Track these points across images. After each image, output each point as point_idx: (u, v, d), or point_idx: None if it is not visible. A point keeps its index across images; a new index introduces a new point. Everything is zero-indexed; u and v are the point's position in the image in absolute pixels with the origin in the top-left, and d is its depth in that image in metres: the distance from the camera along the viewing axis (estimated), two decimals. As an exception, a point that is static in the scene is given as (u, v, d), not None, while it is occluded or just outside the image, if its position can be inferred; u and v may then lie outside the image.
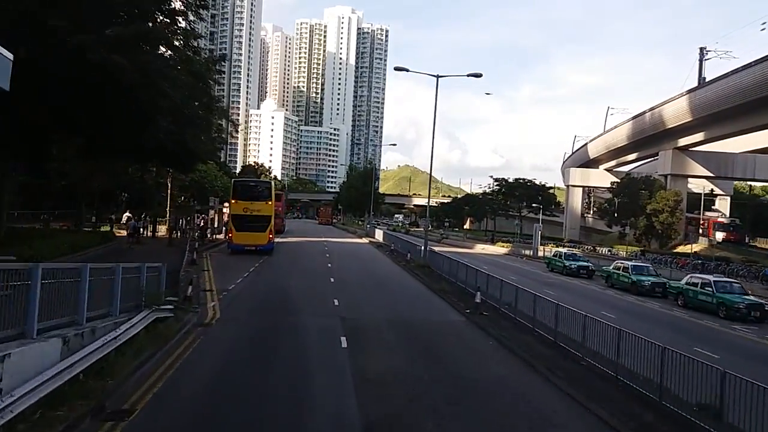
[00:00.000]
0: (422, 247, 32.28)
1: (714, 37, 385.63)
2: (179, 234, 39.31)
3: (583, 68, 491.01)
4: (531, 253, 52.16)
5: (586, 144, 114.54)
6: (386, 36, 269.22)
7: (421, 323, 15.97)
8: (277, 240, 46.08)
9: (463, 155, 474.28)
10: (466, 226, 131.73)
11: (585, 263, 36.39)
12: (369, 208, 73.13)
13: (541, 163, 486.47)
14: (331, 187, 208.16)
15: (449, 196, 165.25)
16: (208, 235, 39.76)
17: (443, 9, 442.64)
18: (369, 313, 17.08)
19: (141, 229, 34.72)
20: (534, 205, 76.77)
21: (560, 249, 42.84)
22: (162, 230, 39.13)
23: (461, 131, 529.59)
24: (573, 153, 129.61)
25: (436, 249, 36.35)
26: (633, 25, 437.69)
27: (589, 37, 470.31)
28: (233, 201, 32.64)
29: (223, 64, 30.20)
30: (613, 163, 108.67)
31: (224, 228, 39.01)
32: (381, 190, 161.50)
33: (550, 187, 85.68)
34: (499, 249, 57.59)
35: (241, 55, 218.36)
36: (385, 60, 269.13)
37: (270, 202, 32.93)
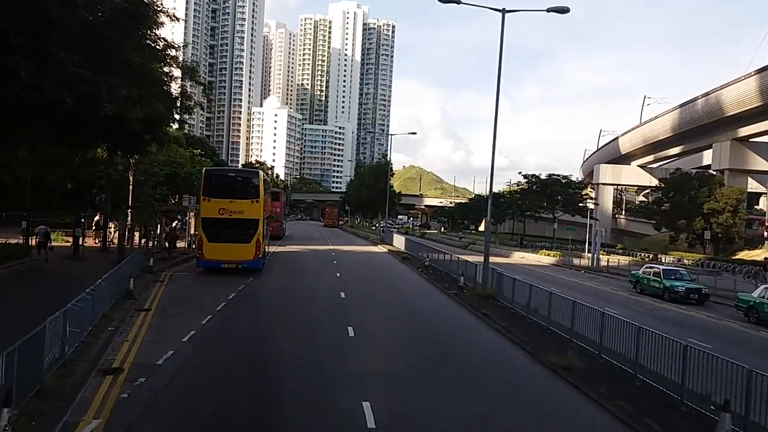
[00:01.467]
0: (474, 264, 22.29)
1: (720, 35, 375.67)
2: (147, 243, 29.73)
3: (588, 67, 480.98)
4: (589, 263, 42.07)
5: (616, 138, 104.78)
6: (393, 31, 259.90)
7: None
8: (273, 248, 36.41)
9: (467, 155, 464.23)
10: (481, 228, 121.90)
11: (693, 284, 26.37)
12: (385, 208, 62.95)
13: (546, 163, 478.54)
14: (337, 188, 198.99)
15: (456, 196, 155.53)
16: (178, 245, 30.09)
17: (446, 8, 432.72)
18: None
19: (81, 238, 24.98)
20: (580, 204, 66.78)
21: (654, 264, 32.72)
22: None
23: (465, 131, 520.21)
24: (599, 149, 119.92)
25: (470, 259, 26.55)
26: (639, 22, 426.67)
27: (595, 35, 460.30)
28: (205, 199, 22.96)
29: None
30: (649, 158, 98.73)
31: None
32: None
33: (587, 185, 75.42)
34: (542, 258, 47.58)
35: (243, 51, 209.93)
36: (392, 56, 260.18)
37: (257, 201, 23.20)
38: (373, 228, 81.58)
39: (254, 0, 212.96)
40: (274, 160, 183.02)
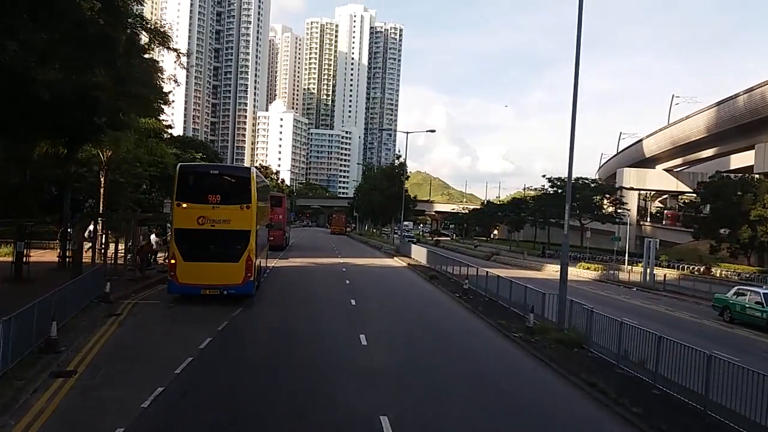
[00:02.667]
0: (544, 294, 16.41)
1: (728, 42, 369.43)
2: (116, 260, 24.29)
3: (595, 73, 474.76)
4: (639, 278, 36.28)
5: (640, 140, 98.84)
6: (400, 35, 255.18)
7: None
8: (274, 262, 31.04)
9: (473, 161, 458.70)
10: (495, 235, 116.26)
11: (806, 313, 20.58)
12: (397, 214, 57.15)
13: (552, 168, 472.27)
14: (343, 193, 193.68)
15: (464, 201, 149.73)
16: (153, 262, 24.63)
17: (452, 16, 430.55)
18: None
19: (24, 253, 19.54)
20: (619, 210, 61.09)
21: (748, 286, 26.76)
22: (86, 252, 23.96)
23: (471, 137, 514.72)
24: (619, 152, 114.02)
25: (500, 273, 20.93)
26: (646, 29, 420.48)
27: (601, 42, 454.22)
28: (179, 205, 17.48)
29: None
30: (677, 161, 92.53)
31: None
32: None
33: (619, 188, 69.78)
34: (581, 272, 41.75)
35: (248, 55, 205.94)
36: (399, 60, 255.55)
37: (249, 207, 17.72)
38: (385, 236, 75.67)
39: (260, 3, 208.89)
40: (279, 165, 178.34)
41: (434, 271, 30.48)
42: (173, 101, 41.57)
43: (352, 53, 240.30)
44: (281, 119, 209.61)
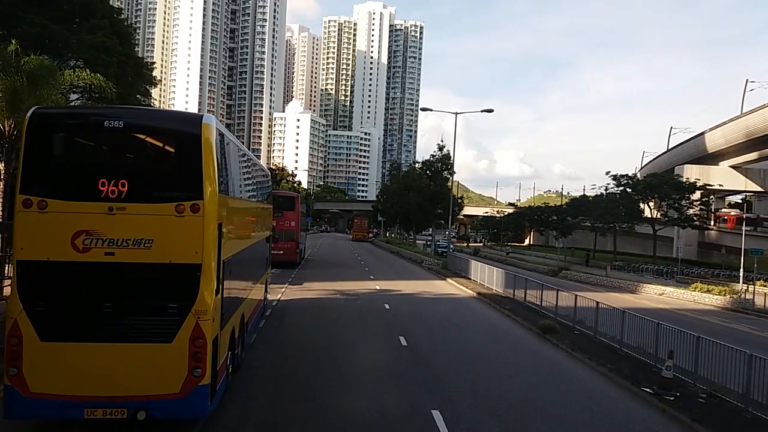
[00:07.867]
0: None
1: (746, 44, 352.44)
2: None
3: (613, 75, 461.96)
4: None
5: (701, 134, 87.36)
6: (420, 33, 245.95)
7: None
8: (281, 293, 21.10)
9: (490, 165, 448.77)
10: (530, 240, 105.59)
11: None
12: (441, 217, 46.74)
13: (571, 171, 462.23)
14: (362, 196, 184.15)
15: (486, 204, 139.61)
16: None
17: (470, 18, 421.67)
18: None
19: None
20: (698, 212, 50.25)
21: None
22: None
23: (488, 140, 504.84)
24: (672, 148, 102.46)
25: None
26: (665, 30, 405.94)
27: (620, 43, 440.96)
28: (28, 203, 7.60)
29: None
30: (749, 156, 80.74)
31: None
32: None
33: (705, 186, 58.65)
34: (698, 295, 30.78)
35: (264, 54, 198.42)
36: (420, 59, 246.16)
37: (197, 208, 7.63)
38: (420, 245, 64.64)
39: (275, 5, 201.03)
40: (296, 168, 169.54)
41: (531, 311, 19.25)
42: (161, 80, 32.40)
43: (371, 52, 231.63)
44: (298, 120, 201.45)
